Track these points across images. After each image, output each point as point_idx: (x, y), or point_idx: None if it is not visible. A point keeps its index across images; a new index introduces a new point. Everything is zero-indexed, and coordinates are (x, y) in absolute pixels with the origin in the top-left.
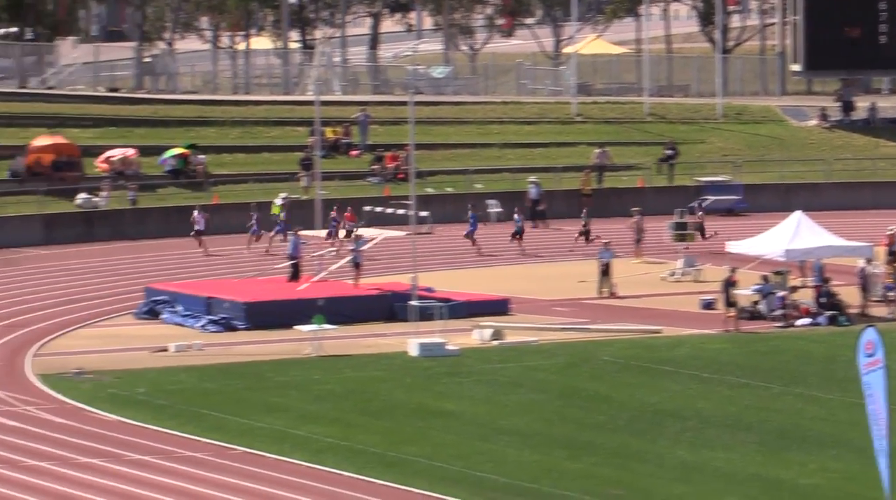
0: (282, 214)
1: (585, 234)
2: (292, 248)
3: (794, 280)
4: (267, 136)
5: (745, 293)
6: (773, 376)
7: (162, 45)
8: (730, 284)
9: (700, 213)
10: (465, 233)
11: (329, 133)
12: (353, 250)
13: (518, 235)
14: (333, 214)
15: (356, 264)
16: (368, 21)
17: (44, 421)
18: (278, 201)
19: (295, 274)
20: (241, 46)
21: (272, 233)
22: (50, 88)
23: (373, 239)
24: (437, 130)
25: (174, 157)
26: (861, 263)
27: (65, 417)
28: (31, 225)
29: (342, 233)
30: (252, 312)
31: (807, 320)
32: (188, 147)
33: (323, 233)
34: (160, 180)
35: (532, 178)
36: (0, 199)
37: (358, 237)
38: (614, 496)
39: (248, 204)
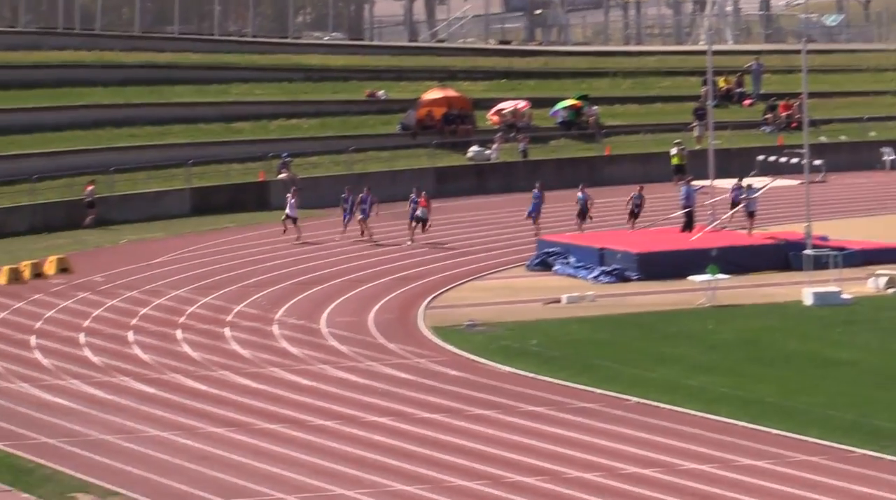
0: (682, 162)
1: None
2: (685, 197)
3: None
4: (659, 86)
5: None
6: None
7: None
8: None
9: None
10: None
11: (721, 83)
12: (745, 199)
13: None
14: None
15: (750, 213)
16: None
17: (437, 373)
18: (673, 151)
19: (688, 224)
20: None
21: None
22: (440, 41)
23: (763, 188)
24: (830, 79)
25: (566, 108)
26: None
27: (458, 369)
28: (422, 178)
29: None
30: (645, 262)
31: None
32: (580, 98)
33: (723, 183)
34: (552, 132)
35: None
36: (392, 152)
37: (749, 187)
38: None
39: (640, 155)
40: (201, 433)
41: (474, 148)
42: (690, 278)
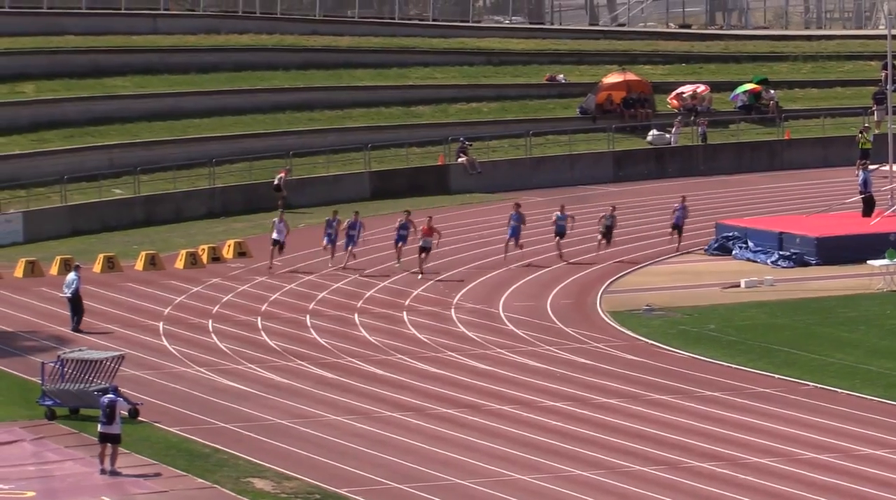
0: (869, 145)
1: None
2: (863, 183)
3: None
4: (839, 70)
5: None
6: None
7: None
8: None
9: None
10: None
11: None
12: None
13: None
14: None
15: None
16: None
17: (614, 358)
18: (861, 136)
19: (868, 209)
20: None
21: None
22: (620, 25)
23: None
24: None
25: (745, 92)
26: None
27: (635, 353)
28: (602, 162)
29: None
30: (824, 246)
31: None
32: (759, 82)
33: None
34: (731, 116)
35: None
36: (572, 136)
37: None
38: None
39: (820, 139)
40: (377, 417)
41: (654, 132)
42: (869, 262)
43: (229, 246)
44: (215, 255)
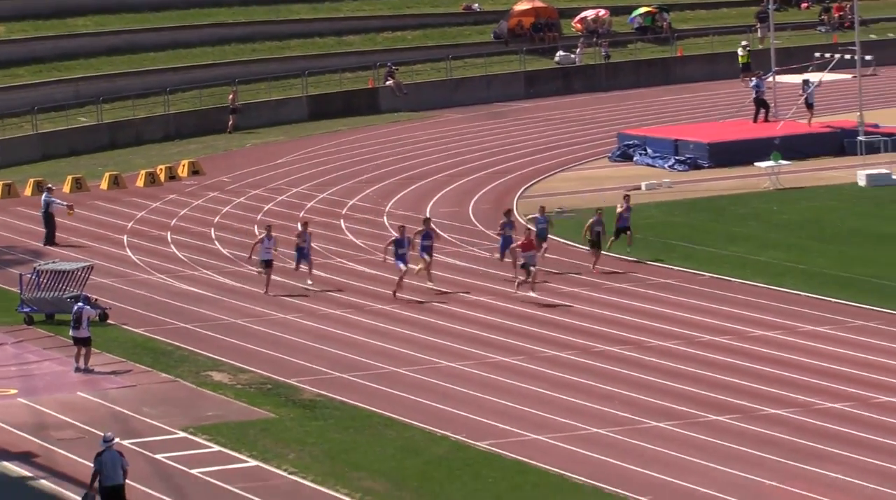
0: (748, 60)
1: None
2: (756, 87)
3: None
4: None
5: None
6: None
7: None
8: None
9: None
10: None
11: None
12: (803, 93)
13: None
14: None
15: (809, 105)
16: None
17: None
18: (740, 51)
19: (760, 109)
20: None
21: None
22: None
23: (818, 83)
24: None
25: (642, 15)
26: None
27: (550, 252)
28: (514, 81)
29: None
30: (715, 151)
31: None
32: (655, 6)
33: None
34: (630, 37)
35: None
36: (487, 59)
37: (806, 82)
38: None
39: (709, 55)
40: (321, 314)
41: (560, 53)
42: (756, 164)
43: (184, 166)
44: (172, 174)
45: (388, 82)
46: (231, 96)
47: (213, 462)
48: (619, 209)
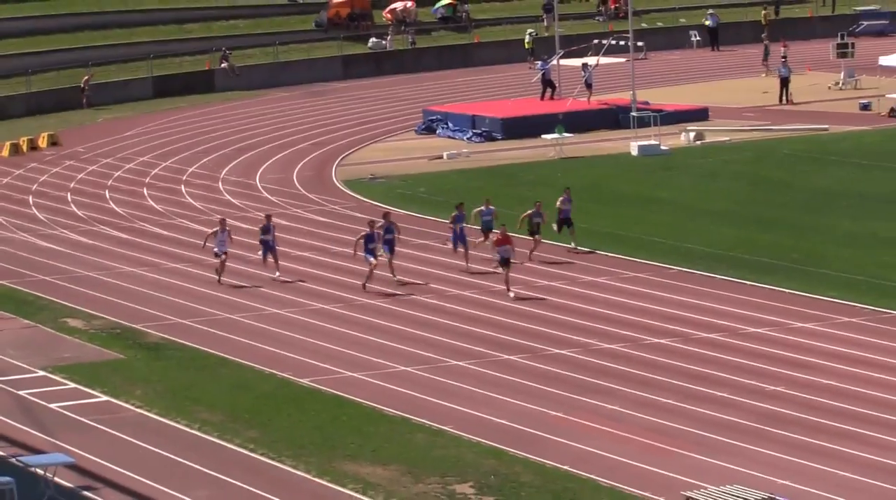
0: (532, 46)
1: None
2: (542, 68)
3: None
4: None
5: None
6: None
7: None
8: None
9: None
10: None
11: None
12: (585, 75)
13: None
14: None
15: (588, 85)
16: None
17: (346, 216)
18: (526, 38)
19: (546, 88)
20: None
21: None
22: None
23: (596, 65)
24: None
25: (444, 6)
26: None
27: (363, 212)
28: (332, 65)
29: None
30: (507, 125)
31: None
32: None
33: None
34: (433, 26)
35: (710, 10)
36: (309, 45)
37: (585, 65)
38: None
39: (503, 42)
40: (164, 268)
41: (373, 39)
42: (543, 136)
43: (43, 138)
44: (33, 145)
45: (223, 65)
46: (87, 78)
47: (70, 398)
48: (557, 204)
